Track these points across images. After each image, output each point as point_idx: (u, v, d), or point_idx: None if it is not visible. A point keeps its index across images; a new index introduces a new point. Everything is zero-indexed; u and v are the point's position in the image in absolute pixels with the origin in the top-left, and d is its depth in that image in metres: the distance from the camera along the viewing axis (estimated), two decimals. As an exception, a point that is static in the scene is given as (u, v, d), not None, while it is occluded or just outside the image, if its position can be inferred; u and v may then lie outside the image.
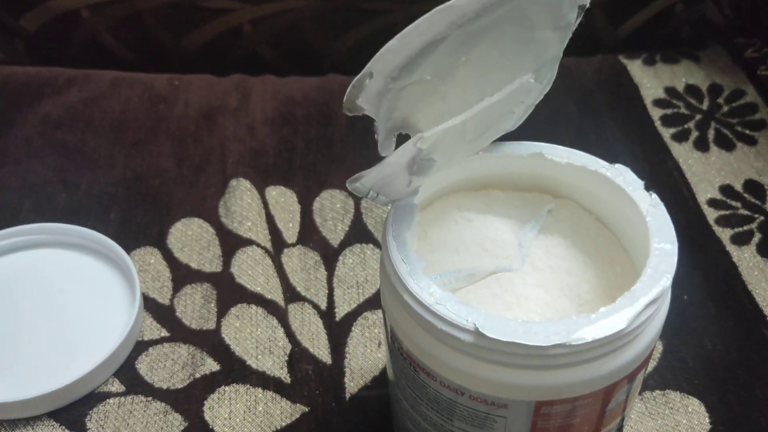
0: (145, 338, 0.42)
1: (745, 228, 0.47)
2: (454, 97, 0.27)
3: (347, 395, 0.39)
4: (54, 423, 0.38)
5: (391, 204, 0.30)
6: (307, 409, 0.38)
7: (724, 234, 0.47)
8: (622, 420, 0.31)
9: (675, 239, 0.28)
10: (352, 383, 0.40)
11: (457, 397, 0.28)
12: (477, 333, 0.25)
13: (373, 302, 0.43)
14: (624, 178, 0.31)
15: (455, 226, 0.33)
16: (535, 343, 0.25)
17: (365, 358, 0.41)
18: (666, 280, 0.26)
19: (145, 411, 0.38)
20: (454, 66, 0.26)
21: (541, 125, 0.35)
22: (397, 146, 0.27)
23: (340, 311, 0.43)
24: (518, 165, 0.33)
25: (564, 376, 0.26)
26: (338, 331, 0.42)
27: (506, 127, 0.32)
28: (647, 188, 0.30)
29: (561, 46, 0.29)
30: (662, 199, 0.30)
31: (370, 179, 0.28)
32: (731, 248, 0.46)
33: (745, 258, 0.45)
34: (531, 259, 0.32)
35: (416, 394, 0.30)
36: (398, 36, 0.24)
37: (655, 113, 0.55)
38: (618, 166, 0.31)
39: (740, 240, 0.46)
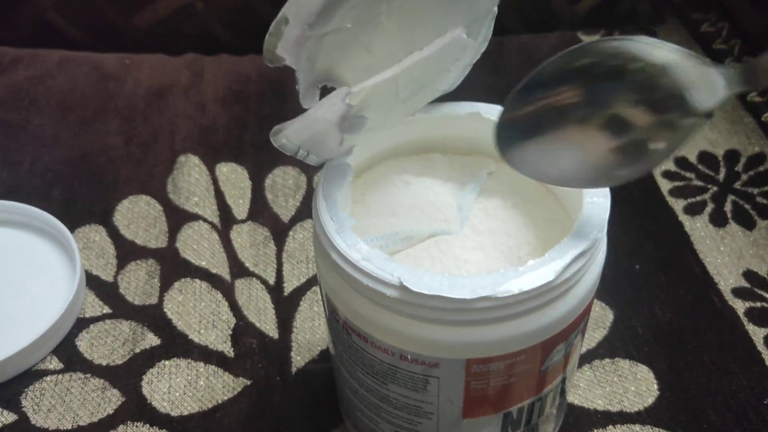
0: (87, 315, 0.40)
1: (698, 198, 0.47)
2: (380, 49, 0.27)
3: (293, 369, 0.38)
4: (-13, 401, 0.37)
5: (324, 164, 0.30)
6: (249, 383, 0.37)
7: (678, 204, 0.46)
8: (564, 381, 0.31)
9: (608, 194, 0.27)
10: (299, 357, 0.39)
11: (389, 358, 0.27)
12: (402, 288, 0.25)
13: (322, 276, 0.43)
14: None
15: (393, 189, 0.32)
16: (461, 296, 0.24)
17: (313, 332, 0.40)
18: (597, 233, 0.26)
19: (82, 388, 0.37)
20: (375, 14, 0.25)
21: (496, 100, 0.34)
22: (321, 98, 0.27)
23: (289, 286, 0.42)
24: (457, 127, 0.33)
25: (493, 332, 0.25)
26: (286, 305, 0.41)
27: (443, 87, 0.31)
28: None
29: (493, 1, 0.29)
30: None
31: (297, 134, 0.27)
32: (684, 218, 0.45)
33: (697, 228, 0.45)
34: (471, 222, 0.31)
35: (352, 359, 0.30)
36: None
37: (612, 88, 0.55)
38: None
39: (693, 210, 0.46)
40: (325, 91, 0.27)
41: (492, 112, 0.32)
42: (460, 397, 0.28)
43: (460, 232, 0.31)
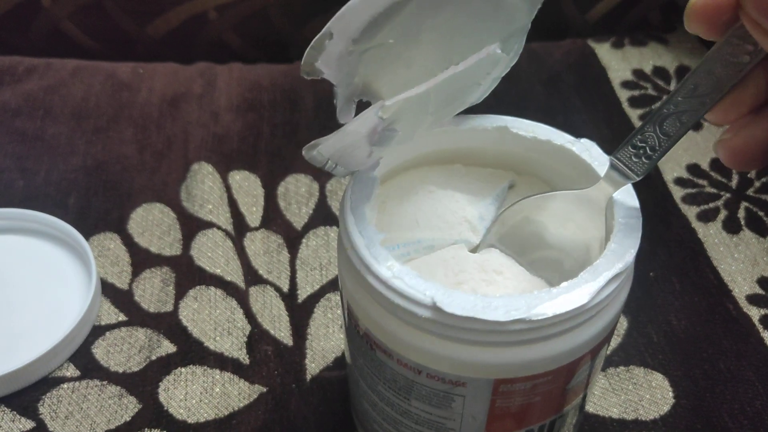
0: (103, 323, 0.41)
1: (711, 205, 0.47)
2: (419, 64, 0.26)
3: (308, 376, 0.38)
4: (5, 408, 0.37)
5: (350, 176, 0.30)
6: (265, 390, 0.37)
7: (690, 211, 0.46)
8: (584, 398, 0.31)
9: (640, 214, 0.27)
10: (314, 364, 0.39)
11: (414, 375, 0.27)
12: (435, 308, 0.24)
13: (337, 284, 0.43)
14: (590, 153, 0.30)
15: (415, 197, 0.32)
16: (495, 318, 0.24)
17: (327, 339, 0.40)
18: (629, 255, 0.26)
19: (99, 395, 0.37)
20: (418, 30, 0.25)
21: (509, 107, 0.34)
22: (357, 113, 0.27)
23: (303, 293, 0.42)
24: (482, 139, 0.32)
25: (524, 353, 0.25)
26: (300, 312, 0.41)
27: (471, 99, 0.31)
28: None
29: (529, 16, 0.29)
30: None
31: (329, 147, 0.27)
32: (697, 225, 0.46)
33: (710, 234, 0.45)
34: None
35: (373, 373, 0.29)
36: None
37: (623, 95, 0.55)
38: (584, 140, 0.31)
39: (706, 217, 0.46)
40: (360, 106, 0.27)
41: (519, 126, 0.31)
42: (484, 415, 0.28)
43: (484, 242, 0.31)
